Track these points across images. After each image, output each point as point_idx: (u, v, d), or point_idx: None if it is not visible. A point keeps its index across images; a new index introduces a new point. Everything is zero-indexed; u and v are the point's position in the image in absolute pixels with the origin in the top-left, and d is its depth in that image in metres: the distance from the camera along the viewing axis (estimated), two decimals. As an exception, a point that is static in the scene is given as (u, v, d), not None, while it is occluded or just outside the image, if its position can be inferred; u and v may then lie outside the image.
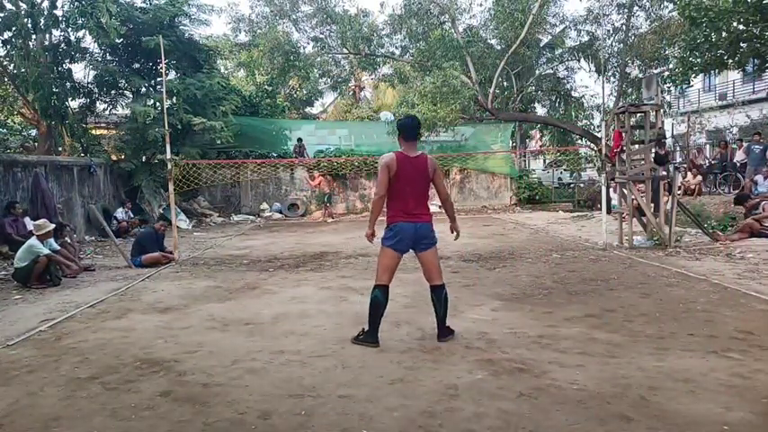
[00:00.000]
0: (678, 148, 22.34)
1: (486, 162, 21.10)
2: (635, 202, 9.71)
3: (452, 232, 4.87)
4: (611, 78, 20.18)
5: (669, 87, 18.15)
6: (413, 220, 4.49)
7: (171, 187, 10.15)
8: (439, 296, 4.62)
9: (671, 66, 17.69)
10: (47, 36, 14.64)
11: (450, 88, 17.08)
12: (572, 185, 23.53)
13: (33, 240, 7.81)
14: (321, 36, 21.41)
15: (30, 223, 9.61)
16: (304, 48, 21.68)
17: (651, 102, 9.76)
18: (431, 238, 4.58)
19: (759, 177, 13.17)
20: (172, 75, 17.32)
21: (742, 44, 11.37)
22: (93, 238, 13.45)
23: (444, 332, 4.68)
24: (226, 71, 24.25)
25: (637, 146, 9.99)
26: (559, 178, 26.52)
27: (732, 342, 4.39)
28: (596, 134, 18.45)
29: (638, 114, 10.13)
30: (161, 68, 12.61)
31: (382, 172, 4.45)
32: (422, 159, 4.58)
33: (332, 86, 28.58)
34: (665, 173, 9.98)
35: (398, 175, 4.44)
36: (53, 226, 8.32)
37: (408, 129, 4.60)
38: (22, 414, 3.45)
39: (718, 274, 7.06)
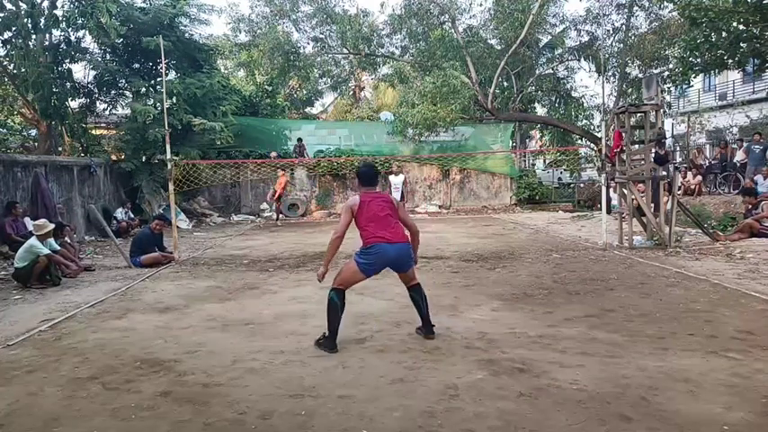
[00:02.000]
0: (678, 148, 22.34)
1: (486, 162, 21.11)
2: (635, 202, 9.71)
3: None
4: (611, 78, 20.19)
5: (669, 87, 18.15)
6: (392, 242, 4.46)
7: (171, 187, 10.16)
8: (418, 293, 4.70)
9: (671, 66, 17.70)
10: (47, 36, 14.62)
11: (450, 88, 17.10)
12: (572, 185, 23.53)
13: (33, 240, 7.80)
14: (321, 36, 21.41)
15: (30, 223, 9.60)
16: (304, 48, 21.70)
17: (651, 102, 9.76)
18: (409, 259, 4.60)
19: (759, 177, 13.16)
20: (172, 75, 17.31)
21: (742, 44, 11.37)
22: (93, 238, 13.45)
23: (430, 329, 4.72)
24: (226, 71, 24.26)
25: (637, 146, 9.99)
26: (559, 178, 26.52)
27: (732, 342, 4.39)
28: (596, 134, 18.46)
29: (638, 114, 10.14)
30: (161, 68, 12.60)
31: (345, 213, 4.54)
32: (384, 195, 4.75)
33: (332, 86, 28.56)
34: (664, 173, 9.98)
35: (365, 210, 4.49)
36: (53, 226, 8.32)
37: (365, 177, 4.65)
38: (22, 414, 3.45)
39: (718, 274, 7.06)
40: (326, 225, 16.73)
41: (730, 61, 11.77)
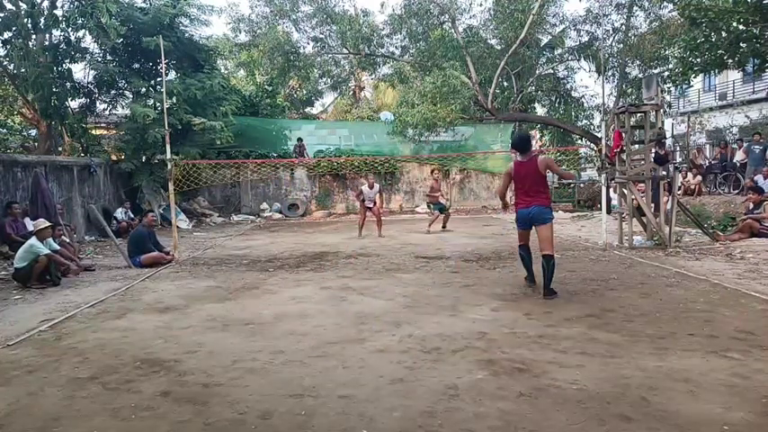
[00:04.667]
0: (678, 148, 22.34)
1: (486, 162, 21.10)
2: (635, 202, 9.71)
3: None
4: (611, 78, 20.18)
5: (669, 87, 18.15)
6: (526, 206, 6.11)
7: (171, 187, 10.16)
8: (547, 262, 6.00)
9: (671, 66, 17.69)
10: (47, 36, 14.62)
11: (450, 88, 17.09)
12: (572, 185, 23.54)
13: (33, 240, 7.80)
14: (321, 36, 21.40)
15: (30, 223, 9.60)
16: (304, 48, 21.69)
17: (651, 102, 9.75)
18: (543, 217, 6.07)
19: (759, 177, 13.18)
20: (172, 75, 17.32)
21: (742, 44, 11.35)
22: (93, 238, 13.46)
23: (548, 292, 5.98)
24: (226, 71, 24.26)
25: (637, 146, 9.99)
26: (559, 178, 26.50)
27: (732, 342, 4.38)
28: (596, 134, 18.45)
29: (638, 114, 10.13)
30: (161, 69, 12.61)
31: (505, 176, 6.50)
32: (533, 160, 6.09)
33: (332, 86, 28.53)
34: (664, 173, 9.98)
35: (514, 177, 6.24)
36: (48, 223, 8.31)
37: (515, 144, 6.37)
38: (22, 414, 3.45)
39: (718, 274, 7.06)
40: (326, 225, 16.73)
41: (730, 61, 11.76)
